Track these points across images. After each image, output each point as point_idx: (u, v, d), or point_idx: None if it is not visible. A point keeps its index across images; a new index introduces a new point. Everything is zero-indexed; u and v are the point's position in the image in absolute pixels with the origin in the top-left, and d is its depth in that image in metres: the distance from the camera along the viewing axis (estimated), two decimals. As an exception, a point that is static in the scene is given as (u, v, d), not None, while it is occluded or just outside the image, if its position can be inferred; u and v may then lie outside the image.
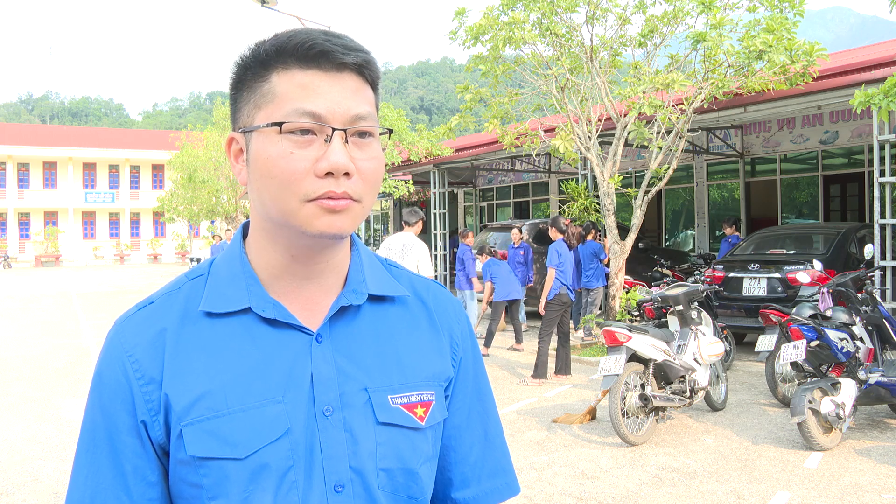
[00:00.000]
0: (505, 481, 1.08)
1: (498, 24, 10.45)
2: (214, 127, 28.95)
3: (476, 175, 22.28)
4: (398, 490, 0.94)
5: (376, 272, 1.03)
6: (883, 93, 7.10)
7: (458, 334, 1.06)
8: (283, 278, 0.96)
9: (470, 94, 11.33)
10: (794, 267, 8.80)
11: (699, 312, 6.60)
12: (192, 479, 0.88)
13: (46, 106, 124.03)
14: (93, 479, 0.90)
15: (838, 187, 15.87)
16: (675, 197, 17.01)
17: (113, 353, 0.92)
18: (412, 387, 0.97)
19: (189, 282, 0.98)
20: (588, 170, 12.55)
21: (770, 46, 8.85)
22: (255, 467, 0.88)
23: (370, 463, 0.92)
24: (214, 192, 28.77)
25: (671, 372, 5.97)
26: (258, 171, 0.90)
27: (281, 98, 0.89)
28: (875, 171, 8.52)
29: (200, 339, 0.92)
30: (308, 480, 0.89)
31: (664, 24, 10.07)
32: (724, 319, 8.99)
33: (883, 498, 4.54)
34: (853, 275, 6.61)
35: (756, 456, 5.43)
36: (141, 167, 49.09)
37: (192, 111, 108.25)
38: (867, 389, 5.69)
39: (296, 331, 0.93)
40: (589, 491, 4.78)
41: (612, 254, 10.36)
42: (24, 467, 5.40)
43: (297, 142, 0.88)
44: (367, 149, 0.91)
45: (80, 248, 46.45)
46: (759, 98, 9.94)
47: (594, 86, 10.63)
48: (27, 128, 56.25)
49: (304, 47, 0.89)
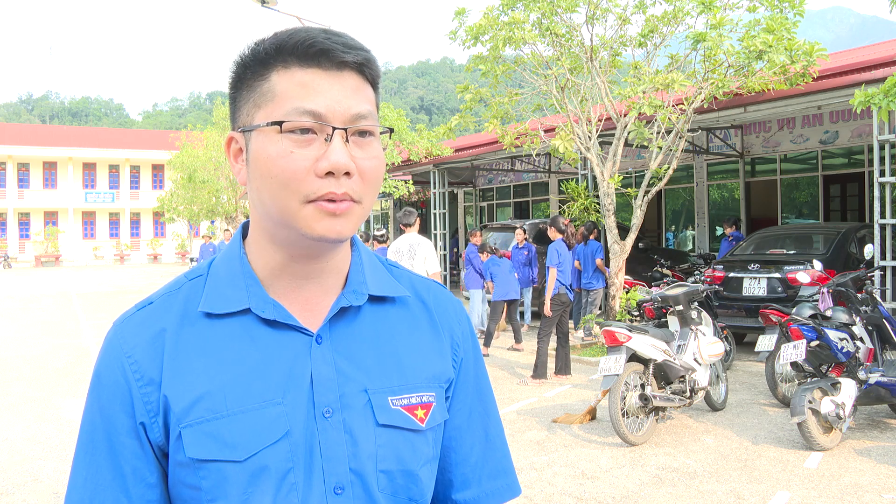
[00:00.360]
0: (506, 482, 1.08)
1: (498, 24, 10.45)
2: (214, 127, 28.95)
3: (476, 175, 22.28)
4: (398, 492, 0.94)
5: (377, 272, 1.02)
6: (883, 93, 7.10)
7: (459, 335, 1.06)
8: (282, 278, 0.95)
9: (470, 94, 11.34)
10: (794, 267, 8.80)
11: (699, 312, 6.60)
12: (192, 481, 0.88)
13: (46, 106, 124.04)
14: (92, 481, 0.89)
15: (838, 187, 15.87)
16: (675, 197, 17.01)
17: (112, 354, 0.92)
18: (412, 388, 0.97)
19: (188, 282, 0.97)
20: (588, 170, 12.55)
21: (770, 46, 8.85)
22: (254, 469, 0.87)
23: (370, 465, 0.92)
24: (214, 192, 28.77)
25: (671, 372, 5.97)
26: (258, 171, 0.89)
27: (281, 97, 0.88)
28: (875, 171, 8.52)
29: (200, 340, 0.91)
30: (308, 482, 0.89)
31: (664, 24, 10.07)
32: (724, 319, 8.99)
33: (883, 498, 4.54)
34: (853, 275, 6.61)
35: (756, 456, 5.43)
36: (141, 167, 49.07)
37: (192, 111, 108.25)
38: (867, 389, 5.69)
39: (295, 332, 0.93)
40: (589, 491, 4.78)
41: (613, 254, 10.36)
42: (24, 467, 5.40)
43: (297, 141, 0.87)
44: (368, 148, 0.90)
45: (80, 248, 46.44)
46: (759, 98, 9.94)
47: (594, 86, 10.63)
48: (27, 128, 56.24)
49: (304, 46, 0.88)
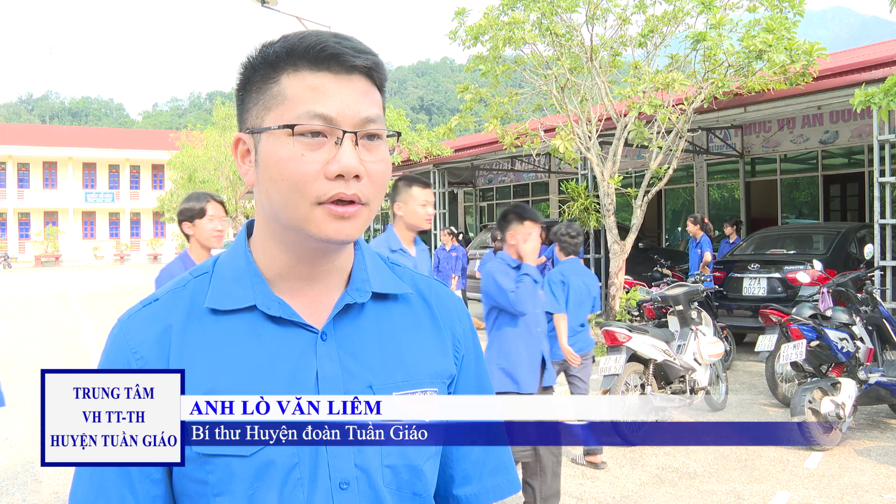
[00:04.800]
0: (506, 478, 1.09)
1: (498, 24, 10.46)
2: (214, 127, 28.99)
3: (476, 175, 22.28)
4: (403, 487, 0.95)
5: (379, 270, 1.03)
6: (883, 92, 7.10)
7: (460, 332, 1.07)
8: (288, 278, 0.96)
9: (470, 94, 11.34)
10: (794, 267, 8.80)
11: (699, 312, 6.61)
12: (198, 475, 0.89)
13: (46, 106, 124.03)
14: (97, 477, 0.90)
15: (838, 187, 15.86)
16: (675, 197, 17.02)
17: (118, 350, 0.93)
18: (416, 384, 0.98)
19: (193, 279, 0.98)
20: (588, 170, 12.55)
21: (770, 46, 8.86)
22: (260, 464, 0.88)
23: (375, 460, 0.93)
24: (214, 192, 28.78)
25: (671, 372, 5.98)
26: (268, 173, 0.90)
27: (291, 100, 0.89)
28: (875, 171, 8.52)
29: (206, 337, 0.92)
30: (313, 478, 0.90)
31: (664, 24, 10.08)
32: (724, 319, 9.00)
33: (883, 498, 4.55)
34: (853, 275, 6.62)
35: (756, 456, 5.44)
36: (141, 167, 49.09)
37: (192, 111, 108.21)
38: (867, 389, 5.69)
39: (301, 329, 0.94)
40: (589, 491, 4.78)
41: (612, 254, 10.37)
42: (24, 467, 5.40)
43: (307, 144, 0.88)
44: (376, 151, 0.92)
45: (80, 248, 46.44)
46: (759, 98, 9.94)
47: (594, 86, 10.64)
48: (27, 128, 56.29)
49: (314, 49, 0.89)
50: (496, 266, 3.96)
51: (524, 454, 3.98)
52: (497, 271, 3.92)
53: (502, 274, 3.90)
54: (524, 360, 3.89)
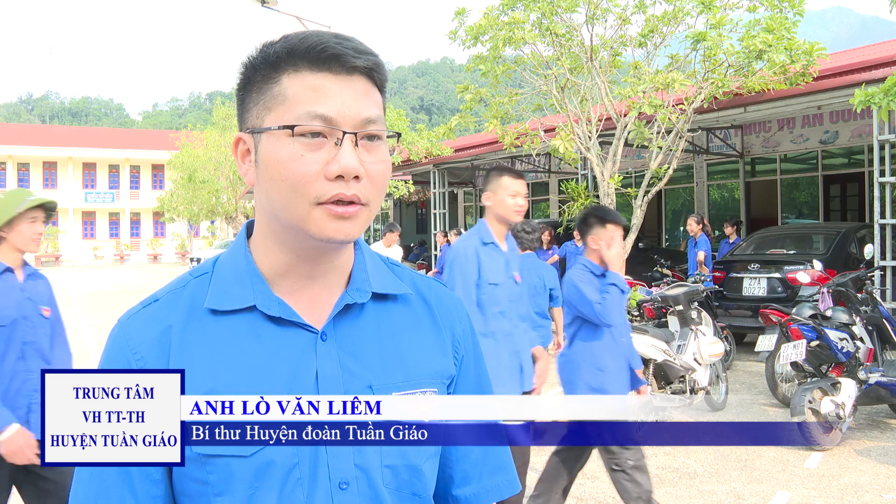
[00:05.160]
0: (505, 479, 1.09)
1: (498, 24, 10.45)
2: (214, 127, 29.01)
3: (476, 175, 22.27)
4: (402, 487, 0.95)
5: (379, 271, 1.03)
6: (883, 92, 7.10)
7: (460, 332, 1.07)
8: (288, 278, 0.96)
9: (470, 94, 11.34)
10: (794, 267, 8.80)
11: (699, 312, 6.62)
12: (198, 475, 0.89)
13: (46, 106, 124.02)
14: (97, 477, 0.90)
15: (838, 187, 15.86)
16: (675, 197, 17.02)
17: (118, 350, 0.93)
18: (416, 384, 0.98)
19: (193, 280, 0.98)
20: (588, 170, 12.55)
21: (770, 46, 8.85)
22: (260, 464, 0.88)
23: (375, 460, 0.93)
24: (214, 192, 28.82)
25: (671, 372, 5.98)
26: (268, 173, 0.91)
27: (292, 100, 0.89)
28: (875, 171, 8.52)
29: (206, 337, 0.92)
30: (313, 478, 0.90)
31: (664, 24, 10.08)
32: (723, 319, 8.99)
33: (883, 498, 4.55)
34: (853, 275, 6.62)
35: (756, 456, 5.44)
36: (141, 167, 49.09)
37: (192, 111, 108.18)
38: (867, 389, 5.69)
39: (300, 329, 0.94)
40: (589, 491, 4.78)
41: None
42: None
43: (307, 144, 0.88)
44: (376, 152, 0.92)
45: (80, 248, 46.44)
46: (759, 98, 9.94)
47: (594, 86, 10.64)
48: (27, 128, 56.32)
49: (315, 50, 0.89)
50: (579, 274, 3.69)
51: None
52: (580, 280, 3.64)
53: (586, 283, 3.61)
54: (613, 375, 3.68)
